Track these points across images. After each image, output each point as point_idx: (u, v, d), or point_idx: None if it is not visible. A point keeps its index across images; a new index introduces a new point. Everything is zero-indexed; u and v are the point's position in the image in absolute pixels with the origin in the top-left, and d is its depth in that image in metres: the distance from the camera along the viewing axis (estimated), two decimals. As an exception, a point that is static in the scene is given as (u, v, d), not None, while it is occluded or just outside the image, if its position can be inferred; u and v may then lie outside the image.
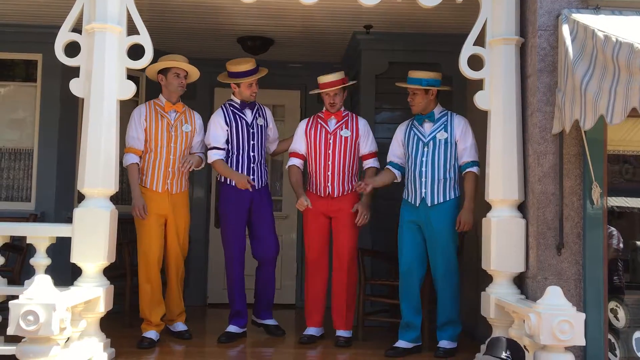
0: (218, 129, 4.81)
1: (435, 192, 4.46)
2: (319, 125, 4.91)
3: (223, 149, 4.83)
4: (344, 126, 4.88)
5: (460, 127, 4.53)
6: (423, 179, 4.48)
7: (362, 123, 4.93)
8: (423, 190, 4.48)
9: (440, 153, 4.49)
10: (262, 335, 4.98)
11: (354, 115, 5.00)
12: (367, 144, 4.90)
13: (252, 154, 4.84)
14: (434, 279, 4.52)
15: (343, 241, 4.77)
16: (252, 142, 4.85)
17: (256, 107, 4.96)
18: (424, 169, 4.49)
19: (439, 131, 4.54)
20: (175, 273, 4.77)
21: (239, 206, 4.77)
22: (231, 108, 4.89)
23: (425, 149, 4.52)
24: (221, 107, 4.94)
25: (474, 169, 4.51)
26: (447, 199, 4.47)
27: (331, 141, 4.84)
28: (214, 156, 4.80)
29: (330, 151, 4.84)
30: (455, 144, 4.53)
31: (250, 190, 4.72)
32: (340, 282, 4.79)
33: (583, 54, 3.58)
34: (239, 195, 4.76)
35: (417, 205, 4.49)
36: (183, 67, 4.75)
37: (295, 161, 4.98)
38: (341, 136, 4.84)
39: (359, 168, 4.98)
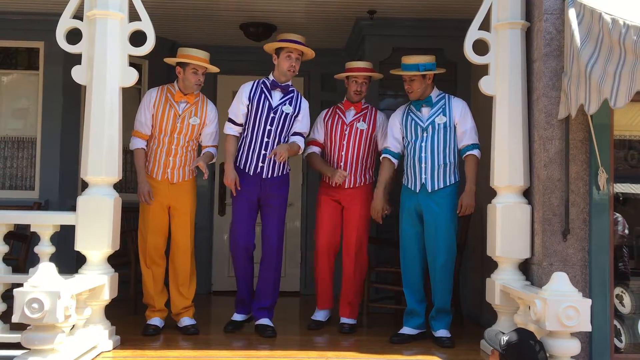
0: (238, 102, 4.63)
1: (435, 177, 4.39)
2: (337, 116, 4.87)
3: (238, 125, 4.63)
4: (361, 119, 4.81)
5: (459, 109, 4.44)
6: (423, 165, 4.40)
7: (381, 117, 4.85)
8: (423, 177, 4.40)
9: (440, 138, 4.42)
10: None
11: (373, 108, 4.92)
12: (382, 140, 4.79)
13: (265, 139, 4.55)
14: (432, 266, 4.39)
15: (352, 231, 4.75)
16: (268, 127, 4.56)
17: (290, 94, 4.66)
18: (423, 155, 4.41)
19: (437, 115, 4.45)
20: (178, 262, 4.59)
21: (247, 191, 4.55)
22: (262, 85, 4.65)
23: (425, 135, 4.44)
24: (255, 80, 4.69)
25: (475, 152, 4.43)
26: (448, 184, 4.40)
27: (347, 132, 4.78)
28: (227, 130, 4.65)
29: (344, 142, 4.79)
30: (455, 127, 4.45)
31: (234, 194, 4.55)
32: (347, 270, 4.77)
33: (589, 37, 3.53)
34: (247, 179, 4.56)
35: (417, 191, 4.42)
36: (203, 65, 4.55)
37: (314, 149, 4.94)
38: (357, 128, 4.77)
39: (376, 162, 4.88)
